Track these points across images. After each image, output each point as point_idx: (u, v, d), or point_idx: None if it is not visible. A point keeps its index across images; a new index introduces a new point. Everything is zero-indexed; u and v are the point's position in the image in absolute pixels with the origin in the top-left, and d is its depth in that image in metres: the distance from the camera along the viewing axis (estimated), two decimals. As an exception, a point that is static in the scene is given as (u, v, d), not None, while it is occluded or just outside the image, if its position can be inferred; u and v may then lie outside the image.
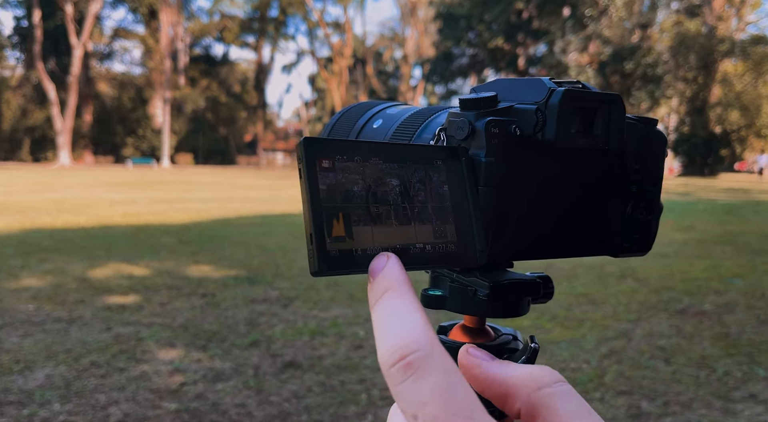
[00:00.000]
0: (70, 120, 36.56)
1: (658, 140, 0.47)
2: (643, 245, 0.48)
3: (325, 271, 0.31)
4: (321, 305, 4.08)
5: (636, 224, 0.47)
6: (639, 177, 0.47)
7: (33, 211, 9.57)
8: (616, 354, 3.18)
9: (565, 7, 29.24)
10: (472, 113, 0.41)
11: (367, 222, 0.33)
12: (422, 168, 0.37)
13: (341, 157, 0.34)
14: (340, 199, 0.33)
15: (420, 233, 0.35)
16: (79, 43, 36.39)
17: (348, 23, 47.25)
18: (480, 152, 0.39)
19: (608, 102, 0.41)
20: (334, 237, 0.32)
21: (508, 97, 0.43)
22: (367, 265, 0.32)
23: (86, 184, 17.57)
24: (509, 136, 0.40)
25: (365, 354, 3.13)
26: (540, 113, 0.40)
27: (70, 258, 5.58)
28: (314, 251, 0.31)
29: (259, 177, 25.31)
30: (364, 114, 0.54)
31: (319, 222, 0.32)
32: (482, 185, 0.39)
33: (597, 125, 0.42)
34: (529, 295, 0.47)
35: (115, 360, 3.00)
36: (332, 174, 0.33)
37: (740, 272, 5.42)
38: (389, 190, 0.35)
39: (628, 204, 0.47)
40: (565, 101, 0.40)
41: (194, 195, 14.05)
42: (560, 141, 0.40)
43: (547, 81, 0.41)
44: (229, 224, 8.55)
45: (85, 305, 3.98)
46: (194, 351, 3.16)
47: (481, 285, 0.45)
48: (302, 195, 0.33)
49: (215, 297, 4.25)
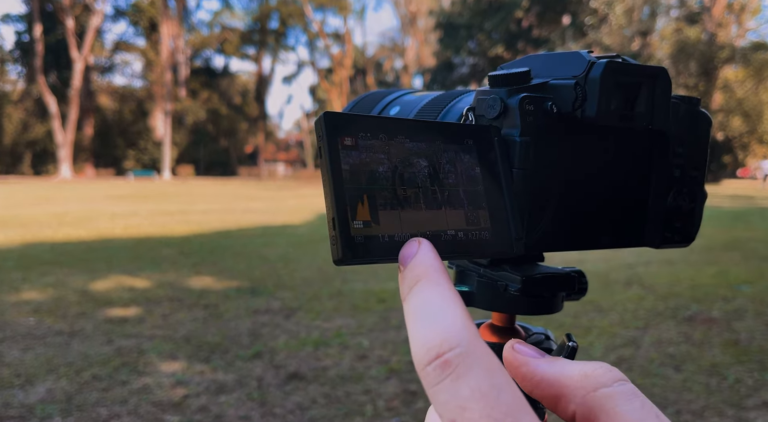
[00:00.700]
0: (71, 133, 36.66)
1: (702, 121, 0.43)
2: (686, 236, 0.44)
3: (349, 259, 0.28)
4: (324, 316, 4.03)
5: (679, 212, 0.43)
6: (682, 161, 0.43)
7: (34, 224, 9.55)
8: (625, 361, 3.13)
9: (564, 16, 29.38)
10: (504, 90, 0.37)
11: (394, 206, 0.30)
12: (452, 148, 0.33)
13: (365, 134, 0.30)
14: (364, 180, 0.29)
15: (451, 219, 0.31)
16: (80, 56, 36.57)
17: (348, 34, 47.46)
18: (514, 132, 0.35)
19: (653, 76, 0.37)
20: (359, 222, 0.28)
21: (542, 72, 0.39)
22: (395, 253, 0.29)
23: (87, 197, 17.57)
24: (545, 113, 0.36)
25: (370, 365, 3.08)
26: (579, 87, 0.36)
27: (71, 271, 5.54)
28: (337, 237, 0.28)
29: (260, 188, 25.31)
30: (381, 101, 0.50)
31: (342, 205, 0.28)
32: (517, 167, 0.35)
33: (640, 102, 0.38)
34: (563, 290, 0.43)
35: (117, 373, 2.96)
36: (355, 153, 0.29)
37: (748, 278, 5.37)
38: (417, 171, 0.31)
39: (670, 190, 0.43)
40: (608, 75, 0.36)
41: (195, 207, 14.03)
42: (601, 118, 0.36)
43: (585, 54, 0.37)
44: (230, 236, 8.52)
45: (86, 318, 3.93)
46: (197, 363, 3.12)
47: (513, 280, 0.41)
48: (323, 176, 0.29)
49: (217, 309, 4.21)
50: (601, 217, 0.41)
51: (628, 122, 0.37)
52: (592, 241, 0.42)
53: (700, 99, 0.43)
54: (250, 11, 46.37)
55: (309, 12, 44.34)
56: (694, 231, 0.44)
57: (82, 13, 38.14)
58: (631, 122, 0.37)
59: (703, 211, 0.45)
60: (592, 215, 0.40)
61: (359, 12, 51.78)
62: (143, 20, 41.22)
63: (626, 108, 0.37)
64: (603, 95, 0.35)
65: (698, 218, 0.45)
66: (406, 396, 2.69)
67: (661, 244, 0.43)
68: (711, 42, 26.25)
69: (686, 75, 26.37)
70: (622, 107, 0.37)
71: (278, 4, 45.30)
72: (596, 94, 0.35)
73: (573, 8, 28.50)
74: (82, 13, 38.13)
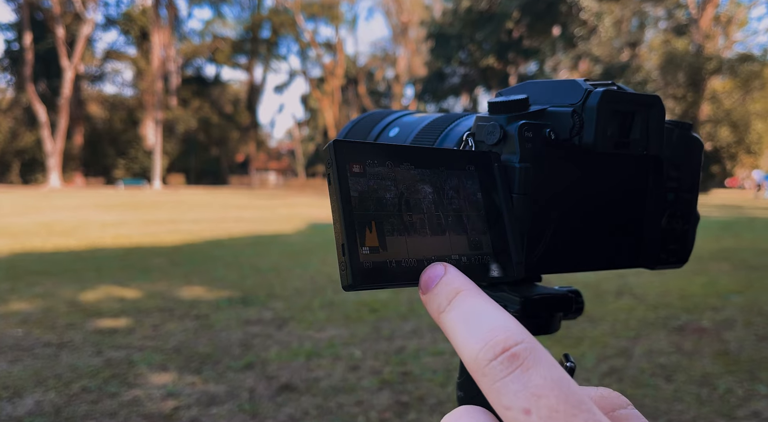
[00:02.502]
0: (61, 142, 36.49)
1: (694, 145, 0.45)
2: (681, 257, 0.45)
3: (359, 284, 0.29)
4: (316, 326, 4.02)
5: (673, 234, 0.44)
6: (676, 184, 0.44)
7: (22, 234, 9.49)
8: (616, 372, 3.14)
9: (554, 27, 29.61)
10: (503, 117, 0.38)
11: (401, 232, 0.30)
12: (455, 174, 0.34)
13: (372, 161, 0.31)
14: (372, 206, 0.30)
15: (455, 244, 0.32)
16: (70, 65, 36.46)
17: (340, 43, 47.64)
18: (513, 158, 0.36)
19: (647, 105, 0.39)
20: (367, 248, 0.29)
21: (540, 99, 0.40)
22: (402, 278, 0.30)
23: (77, 206, 17.47)
24: (544, 140, 0.37)
25: (362, 376, 3.08)
26: (577, 115, 0.37)
27: (60, 281, 5.50)
28: (347, 263, 0.29)
29: (252, 197, 25.27)
30: (379, 122, 0.51)
31: (351, 232, 0.29)
32: (516, 193, 0.36)
33: (635, 129, 0.39)
34: (561, 310, 0.44)
35: (107, 384, 2.93)
36: (363, 180, 0.30)
37: (737, 288, 5.40)
38: (422, 197, 0.32)
39: (664, 213, 0.44)
40: (604, 103, 0.37)
41: (186, 216, 13.98)
42: (599, 145, 0.37)
43: (582, 82, 0.38)
44: (221, 245, 8.49)
45: (75, 329, 3.90)
46: (187, 374, 3.10)
47: (511, 301, 0.42)
48: (332, 203, 0.30)
49: (208, 319, 4.19)
50: (598, 239, 0.42)
51: (624, 148, 0.38)
52: (589, 262, 0.43)
53: (692, 124, 0.44)
54: (242, 20, 46.49)
55: (301, 21, 44.48)
56: (688, 252, 0.45)
57: (73, 21, 38.07)
58: (626, 149, 0.39)
59: (696, 233, 0.46)
60: (589, 237, 0.41)
61: (351, 22, 51.98)
62: (134, 29, 41.17)
63: (622, 135, 0.38)
64: (600, 123, 0.37)
65: (691, 239, 0.46)
66: (399, 407, 2.69)
67: (655, 265, 0.44)
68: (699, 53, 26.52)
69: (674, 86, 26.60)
70: (618, 135, 0.38)
71: (270, 14, 45.43)
72: (593, 122, 0.36)
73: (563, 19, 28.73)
74: (73, 22, 38.06)
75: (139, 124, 44.09)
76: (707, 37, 28.01)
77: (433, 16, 39.25)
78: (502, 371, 0.24)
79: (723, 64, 26.31)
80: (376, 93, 53.10)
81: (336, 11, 46.10)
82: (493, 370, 0.24)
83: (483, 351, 0.25)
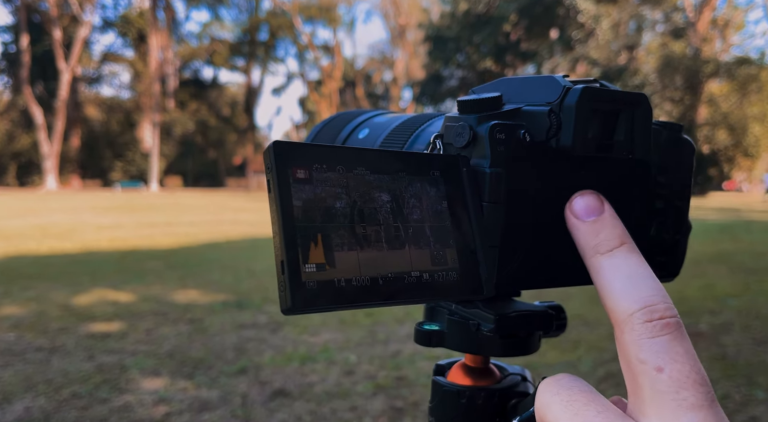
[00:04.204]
0: (58, 144, 36.40)
1: (685, 148, 0.41)
2: (671, 270, 0.42)
3: (300, 308, 0.26)
4: (311, 330, 3.99)
5: (662, 245, 0.41)
6: (665, 191, 0.41)
7: (17, 237, 9.43)
8: (613, 376, 3.12)
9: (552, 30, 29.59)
10: (473, 117, 0.34)
11: (352, 246, 0.27)
12: (417, 181, 0.30)
13: (320, 166, 0.28)
14: (318, 218, 0.27)
15: (416, 259, 0.29)
16: (67, 67, 36.39)
17: (337, 46, 47.65)
18: (483, 162, 0.33)
19: (632, 103, 0.35)
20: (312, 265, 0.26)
21: (515, 98, 0.36)
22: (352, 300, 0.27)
23: (73, 208, 17.41)
24: (517, 142, 0.33)
25: (357, 381, 3.05)
26: (554, 115, 0.33)
27: (54, 285, 5.46)
28: (286, 283, 0.26)
29: (249, 200, 25.21)
30: (349, 123, 0.48)
31: (292, 247, 0.26)
32: (487, 201, 0.32)
33: (619, 130, 0.35)
34: (540, 329, 0.41)
35: (98, 390, 2.90)
36: (309, 187, 0.27)
37: (734, 291, 5.38)
38: (379, 206, 0.29)
39: (652, 222, 0.41)
40: (584, 101, 0.33)
41: (182, 219, 13.93)
42: (578, 148, 0.34)
43: (560, 79, 0.35)
44: (217, 248, 8.45)
45: (67, 333, 3.87)
46: (180, 379, 3.06)
47: (485, 318, 0.38)
48: (271, 213, 0.27)
49: (203, 323, 4.16)
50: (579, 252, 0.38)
51: (607, 151, 0.35)
52: (568, 277, 0.39)
53: (682, 125, 0.41)
54: (240, 23, 46.45)
55: (298, 24, 44.48)
56: (679, 266, 0.42)
57: (70, 24, 38.01)
58: (609, 152, 0.35)
59: (687, 244, 0.43)
60: (568, 250, 0.38)
61: (349, 24, 51.97)
62: (132, 31, 41.12)
63: (604, 137, 0.35)
64: (579, 123, 0.33)
65: (682, 251, 0.43)
66: (393, 412, 2.66)
67: None
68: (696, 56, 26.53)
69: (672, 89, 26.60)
70: (600, 136, 0.35)
71: (268, 16, 45.42)
72: (572, 122, 0.33)
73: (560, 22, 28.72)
74: (70, 24, 37.99)
75: (136, 126, 44.01)
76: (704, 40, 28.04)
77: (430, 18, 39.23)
78: (651, 332, 0.28)
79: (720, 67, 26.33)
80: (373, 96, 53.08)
81: (334, 14, 46.11)
82: (644, 328, 0.28)
83: (641, 311, 0.28)
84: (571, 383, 0.30)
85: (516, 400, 0.42)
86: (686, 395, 0.27)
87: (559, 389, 0.30)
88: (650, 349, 0.28)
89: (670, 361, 0.27)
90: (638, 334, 0.28)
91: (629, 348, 0.28)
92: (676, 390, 0.27)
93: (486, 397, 0.41)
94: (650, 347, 0.28)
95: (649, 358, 0.27)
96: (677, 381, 0.27)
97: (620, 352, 0.29)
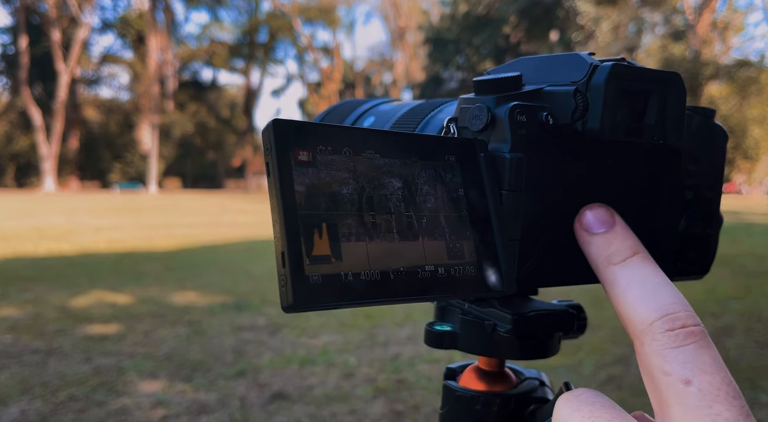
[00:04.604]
0: (56, 146, 36.36)
1: (718, 135, 0.38)
2: (701, 266, 0.39)
3: (303, 304, 0.23)
4: (310, 333, 3.96)
5: (692, 239, 0.38)
6: (696, 181, 0.37)
7: (14, 239, 9.39)
8: (615, 379, 3.09)
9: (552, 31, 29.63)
10: (491, 97, 0.31)
11: (361, 236, 0.24)
12: (431, 166, 0.27)
13: (325, 148, 0.25)
14: (323, 205, 0.24)
15: (430, 252, 0.26)
16: (66, 68, 36.37)
17: (337, 48, 47.67)
18: (503, 147, 0.30)
19: (665, 83, 0.32)
20: (316, 257, 0.23)
21: (536, 77, 0.33)
22: (361, 296, 0.24)
23: (71, 210, 17.37)
24: (540, 125, 0.30)
25: (356, 383, 3.01)
26: (580, 95, 0.30)
27: (51, 287, 5.43)
28: (287, 277, 0.23)
29: (248, 201, 25.17)
30: (353, 111, 0.45)
31: (294, 237, 0.23)
32: (507, 189, 0.30)
33: (650, 113, 0.32)
34: (560, 330, 0.38)
35: (95, 393, 2.86)
36: (312, 170, 0.24)
37: (736, 294, 5.35)
38: (389, 193, 0.26)
39: (683, 215, 0.38)
40: (613, 80, 0.30)
41: (181, 220, 13.90)
42: (606, 132, 0.30)
43: (586, 56, 0.32)
44: (216, 250, 8.42)
45: (64, 335, 3.83)
46: (178, 382, 3.03)
47: (502, 318, 0.35)
48: (271, 200, 0.24)
49: (201, 325, 4.13)
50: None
51: (636, 136, 0.32)
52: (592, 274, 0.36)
53: (714, 110, 0.38)
54: (239, 24, 46.45)
55: (298, 26, 44.50)
56: (709, 262, 0.39)
57: (69, 25, 38.00)
58: (639, 137, 0.32)
59: (718, 239, 0.40)
60: None
61: (348, 26, 52.01)
62: (131, 33, 41.11)
63: (633, 120, 0.32)
64: (608, 104, 0.30)
65: (713, 246, 0.40)
66: (393, 416, 2.63)
67: (672, 277, 0.38)
68: (696, 59, 26.56)
69: (672, 91, 26.62)
70: (629, 119, 0.32)
71: (267, 18, 45.43)
72: (600, 103, 0.30)
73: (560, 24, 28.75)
74: (69, 26, 37.99)
75: (135, 128, 43.99)
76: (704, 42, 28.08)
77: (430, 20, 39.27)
78: (675, 341, 0.26)
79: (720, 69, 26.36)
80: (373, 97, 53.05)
81: (333, 15, 46.13)
82: (667, 338, 0.26)
83: (661, 320, 0.27)
84: (592, 398, 0.28)
85: (534, 406, 0.39)
86: (720, 409, 0.25)
87: (580, 404, 0.28)
88: (675, 360, 0.26)
89: (698, 372, 0.25)
90: (661, 344, 0.26)
91: (652, 359, 0.26)
92: (709, 405, 0.25)
93: (502, 403, 0.38)
94: (675, 357, 0.26)
95: (674, 370, 0.26)
96: (708, 395, 0.25)
97: (641, 365, 0.27)
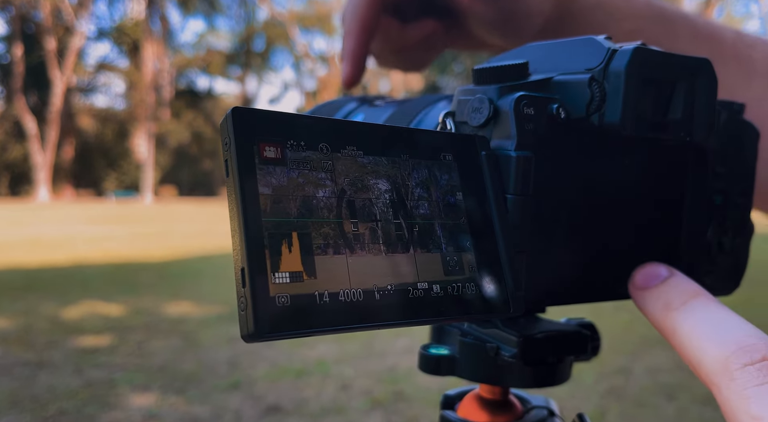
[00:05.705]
0: (51, 155, 36.27)
1: (747, 133, 0.34)
2: (731, 281, 0.35)
3: (266, 332, 0.19)
4: (306, 343, 3.90)
5: (720, 250, 0.34)
6: (725, 185, 0.33)
7: (6, 248, 9.32)
8: (616, 390, 3.04)
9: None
10: (494, 88, 0.27)
11: (339, 249, 0.21)
12: (424, 165, 0.23)
13: (296, 142, 0.21)
14: (294, 211, 0.21)
15: (424, 267, 0.23)
16: (61, 77, 36.35)
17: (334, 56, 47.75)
18: (507, 144, 0.25)
19: (692, 71, 0.27)
20: (283, 274, 0.20)
21: (545, 65, 0.28)
22: (341, 321, 0.20)
23: (65, 219, 17.28)
24: (550, 119, 0.26)
25: (353, 395, 2.96)
26: (596, 84, 0.26)
27: (43, 297, 5.35)
28: (247, 300, 0.20)
29: (244, 210, 25.11)
30: (342, 108, 0.40)
31: (257, 249, 0.20)
32: (512, 193, 0.25)
33: (676, 106, 0.27)
34: (572, 353, 0.33)
35: (85, 406, 2.81)
36: (281, 169, 0.21)
37: (738, 302, 5.29)
38: (374, 197, 0.22)
39: (710, 222, 0.33)
40: (636, 66, 0.25)
41: (176, 229, 13.83)
42: (628, 126, 0.26)
43: (603, 40, 0.27)
44: (211, 260, 8.37)
45: (55, 347, 3.77)
46: (171, 394, 2.98)
47: (507, 340, 0.30)
48: (230, 204, 0.21)
49: (195, 336, 4.07)
50: (622, 257, 0.31)
51: (661, 132, 0.28)
52: (609, 289, 0.32)
53: (743, 104, 0.34)
54: (236, 33, 46.54)
55: (295, 34, 44.61)
56: (739, 276, 0.35)
57: (64, 34, 38.01)
58: (664, 133, 0.28)
59: (749, 249, 0.36)
60: (610, 255, 0.31)
61: (344, 35, 52.13)
62: (126, 41, 41.15)
63: (656, 113, 0.28)
64: (630, 94, 0.26)
65: (744, 258, 0.35)
66: (390, 429, 2.58)
67: None
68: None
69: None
70: (653, 112, 0.27)
71: (264, 26, 45.54)
72: (620, 93, 0.26)
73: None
74: (64, 34, 38.00)
75: (131, 136, 43.94)
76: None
77: (425, 29, 39.44)
78: (757, 378, 0.22)
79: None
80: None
81: (330, 23, 46.26)
82: (747, 375, 0.23)
83: (736, 354, 0.23)
84: None
85: None
86: None
87: None
88: (762, 400, 0.22)
89: None
90: (741, 384, 0.22)
91: (734, 403, 0.22)
92: None
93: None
94: (761, 397, 0.22)
95: (763, 413, 0.21)
96: None
97: (726, 415, 0.23)
